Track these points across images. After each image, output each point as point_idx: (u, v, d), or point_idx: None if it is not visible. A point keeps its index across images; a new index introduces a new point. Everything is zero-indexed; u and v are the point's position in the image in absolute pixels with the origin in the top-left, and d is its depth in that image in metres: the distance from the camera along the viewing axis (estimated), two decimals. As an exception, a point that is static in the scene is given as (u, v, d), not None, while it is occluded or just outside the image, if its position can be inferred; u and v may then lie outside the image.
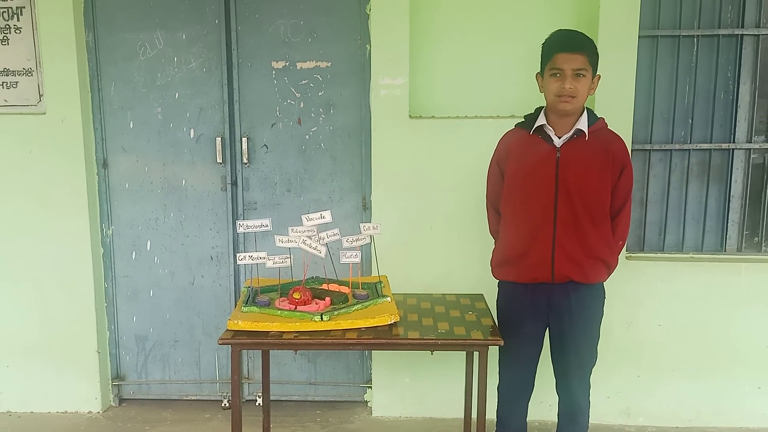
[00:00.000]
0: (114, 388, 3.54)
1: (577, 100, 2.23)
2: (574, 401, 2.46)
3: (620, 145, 2.35)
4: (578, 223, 2.29)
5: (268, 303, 2.37)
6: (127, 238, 3.44)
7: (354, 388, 3.51)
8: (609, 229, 2.35)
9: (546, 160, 2.30)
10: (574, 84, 2.21)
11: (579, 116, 2.29)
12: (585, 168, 2.28)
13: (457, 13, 3.17)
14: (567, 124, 2.30)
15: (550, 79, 2.25)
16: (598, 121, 2.33)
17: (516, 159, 2.37)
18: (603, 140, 2.32)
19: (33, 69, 3.23)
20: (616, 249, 2.40)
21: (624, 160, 2.34)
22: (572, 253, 2.31)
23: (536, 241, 2.33)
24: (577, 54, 2.21)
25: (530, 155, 2.33)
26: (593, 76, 2.27)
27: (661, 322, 3.22)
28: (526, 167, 2.34)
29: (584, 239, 2.31)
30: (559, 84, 2.22)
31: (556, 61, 2.22)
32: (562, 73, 2.22)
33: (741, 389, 3.24)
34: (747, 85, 3.18)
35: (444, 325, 2.33)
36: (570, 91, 2.21)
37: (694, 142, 3.25)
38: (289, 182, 3.35)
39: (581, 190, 2.28)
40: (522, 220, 2.36)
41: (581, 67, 2.21)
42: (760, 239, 3.30)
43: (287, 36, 3.23)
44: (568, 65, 2.20)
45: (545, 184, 2.30)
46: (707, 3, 3.17)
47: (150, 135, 3.34)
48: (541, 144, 2.32)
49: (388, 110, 3.15)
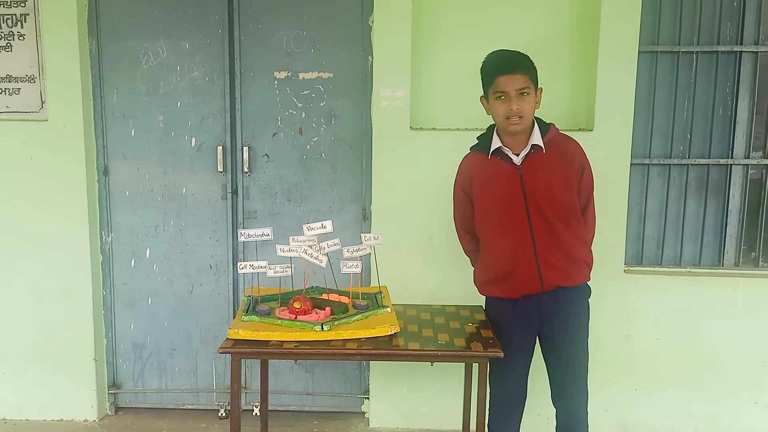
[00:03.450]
0: (110, 396, 3.53)
1: (526, 119, 2.27)
2: (572, 409, 2.46)
3: (576, 147, 2.39)
4: (554, 232, 2.33)
5: (269, 312, 2.37)
6: (127, 245, 3.43)
7: (351, 398, 3.50)
8: (581, 228, 2.40)
9: (510, 180, 2.33)
10: (519, 104, 2.25)
11: (531, 130, 2.33)
12: (549, 179, 2.32)
13: (459, 26, 3.20)
14: (521, 141, 2.34)
15: (495, 102, 2.29)
16: (549, 129, 2.37)
17: (481, 184, 2.41)
18: (559, 146, 2.36)
19: (36, 76, 3.24)
20: (589, 243, 2.47)
21: (582, 160, 2.39)
22: (555, 262, 2.35)
23: (519, 258, 2.36)
24: (517, 74, 2.25)
25: (494, 178, 2.37)
26: (536, 92, 2.31)
27: (658, 336, 3.22)
28: (493, 190, 2.38)
29: (563, 245, 2.35)
30: (506, 106, 2.26)
31: (498, 85, 2.26)
32: (507, 95, 2.25)
33: (738, 403, 3.24)
34: (745, 101, 3.21)
35: (444, 336, 2.33)
36: (517, 112, 2.25)
37: (693, 157, 3.28)
38: (290, 192, 3.36)
39: (550, 201, 2.32)
40: (501, 241, 2.39)
41: (524, 86, 2.25)
42: (757, 254, 3.32)
43: (290, 46, 3.25)
44: (511, 86, 2.24)
45: (514, 203, 2.33)
46: (707, 20, 3.21)
47: (151, 143, 3.35)
48: (501, 165, 2.35)
49: (389, 121, 3.16)
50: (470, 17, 3.19)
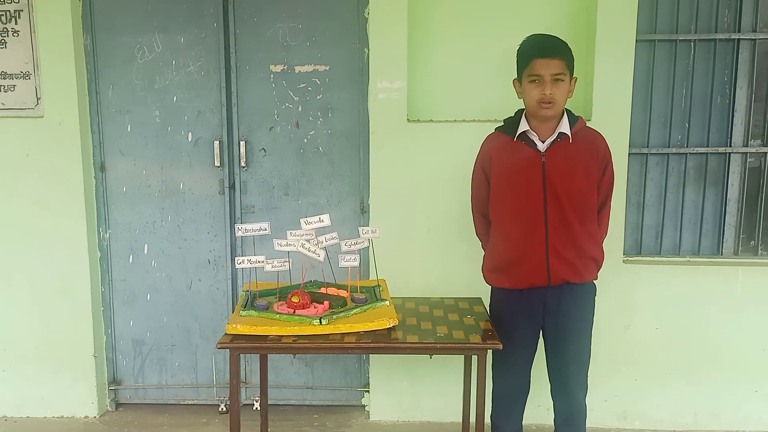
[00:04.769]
0: (110, 392, 3.53)
1: (557, 105, 2.25)
2: (573, 402, 2.46)
3: (602, 142, 2.38)
4: (568, 225, 2.31)
5: (267, 307, 2.37)
6: (125, 241, 3.43)
7: (351, 392, 3.50)
8: (595, 226, 2.39)
9: (532, 165, 2.31)
10: (553, 89, 2.23)
11: (560, 119, 2.31)
12: (571, 170, 2.30)
13: (456, 17, 3.19)
14: (549, 128, 2.31)
15: (529, 86, 2.27)
16: (578, 120, 2.36)
17: (501, 165, 2.38)
18: (586, 139, 2.34)
19: (31, 72, 3.22)
20: (601, 243, 2.44)
21: (607, 156, 2.37)
22: (566, 255, 2.33)
23: (529, 246, 2.34)
24: (554, 59, 2.23)
25: (515, 161, 2.34)
26: (570, 79, 2.29)
27: (658, 326, 3.22)
28: (512, 174, 2.35)
29: (575, 240, 2.33)
30: (539, 90, 2.24)
31: (534, 68, 2.24)
32: (541, 78, 2.23)
33: (738, 393, 3.25)
34: (743, 89, 3.20)
35: (443, 328, 2.33)
36: (550, 97, 2.23)
37: (691, 146, 3.27)
38: (287, 186, 3.35)
39: (569, 193, 2.30)
40: (513, 227, 2.37)
41: (559, 72, 2.23)
42: (756, 243, 3.31)
43: (286, 39, 3.24)
44: (546, 71, 2.22)
45: (533, 189, 2.31)
46: (704, 8, 3.19)
47: (148, 138, 3.34)
48: (525, 149, 2.33)
49: (387, 114, 3.15)
50: (467, 8, 3.18)
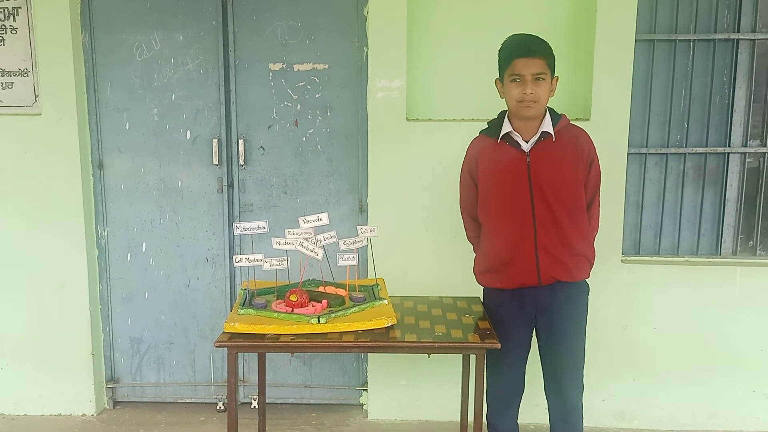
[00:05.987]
0: (108, 390, 3.52)
1: (539, 104, 2.26)
2: (567, 401, 2.45)
3: (586, 138, 2.38)
4: (557, 224, 2.32)
5: (265, 305, 2.36)
6: (123, 239, 3.42)
7: (349, 391, 3.50)
8: (585, 223, 2.39)
9: (517, 166, 2.32)
10: (534, 89, 2.23)
11: (542, 118, 2.32)
12: (556, 168, 2.30)
13: (455, 16, 3.18)
14: (532, 128, 2.32)
15: (510, 85, 2.27)
16: (561, 119, 2.36)
17: (487, 168, 2.39)
18: (570, 137, 2.34)
19: (29, 70, 3.21)
20: (592, 240, 2.45)
21: (591, 153, 2.37)
22: (556, 254, 2.33)
23: (519, 247, 2.34)
24: (535, 59, 2.23)
25: (501, 163, 2.35)
26: (552, 79, 2.29)
27: (656, 326, 3.22)
28: (498, 176, 2.36)
29: (565, 238, 2.33)
30: (520, 89, 2.24)
31: (515, 67, 2.24)
32: (522, 78, 2.24)
33: (736, 392, 3.25)
34: (742, 89, 3.20)
35: (441, 328, 2.32)
36: (532, 96, 2.23)
37: (690, 146, 3.27)
38: (286, 184, 3.34)
39: (556, 191, 2.30)
40: (502, 228, 2.38)
41: (540, 72, 2.23)
42: (755, 243, 3.32)
43: (284, 38, 3.23)
44: (527, 70, 2.23)
45: (520, 190, 2.31)
46: (704, 8, 3.19)
47: (146, 136, 3.33)
48: (510, 150, 2.34)
49: (385, 113, 3.15)
50: (467, 7, 3.18)
